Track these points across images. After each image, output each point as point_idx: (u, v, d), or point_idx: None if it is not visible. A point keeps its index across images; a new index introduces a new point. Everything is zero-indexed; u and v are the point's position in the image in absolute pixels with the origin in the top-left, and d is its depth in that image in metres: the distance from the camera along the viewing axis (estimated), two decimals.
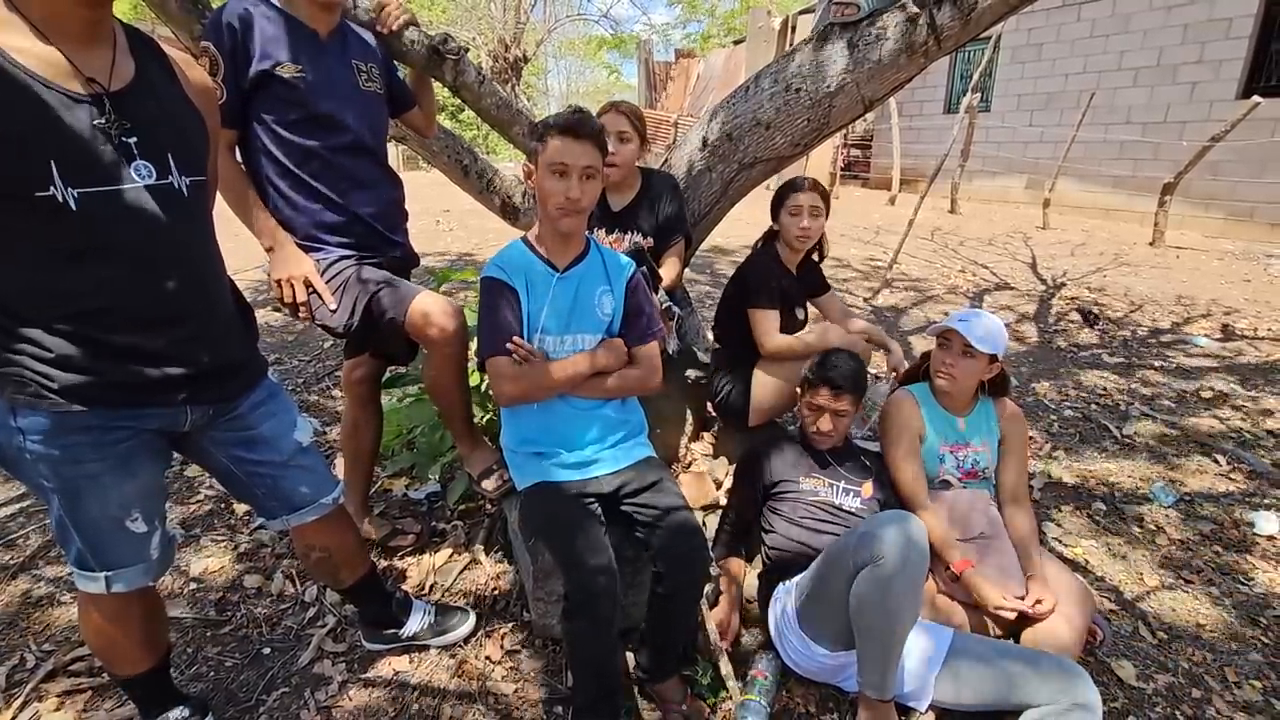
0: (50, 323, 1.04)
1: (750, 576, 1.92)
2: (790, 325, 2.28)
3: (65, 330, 1.04)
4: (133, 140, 1.04)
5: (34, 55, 0.96)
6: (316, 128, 1.66)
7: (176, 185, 1.10)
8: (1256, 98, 6.44)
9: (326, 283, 1.70)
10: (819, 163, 11.03)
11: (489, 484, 1.87)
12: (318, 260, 1.71)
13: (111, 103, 1.02)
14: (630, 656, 1.69)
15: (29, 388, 1.04)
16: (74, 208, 0.98)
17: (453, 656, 1.75)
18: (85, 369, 1.06)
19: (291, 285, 1.67)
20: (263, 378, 1.35)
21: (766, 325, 2.18)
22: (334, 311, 1.70)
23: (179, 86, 1.15)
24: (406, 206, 1.95)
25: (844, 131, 11.91)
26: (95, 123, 1.00)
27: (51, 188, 0.96)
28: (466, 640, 1.79)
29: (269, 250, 1.69)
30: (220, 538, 2.23)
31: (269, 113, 1.63)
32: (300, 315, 1.72)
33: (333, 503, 1.46)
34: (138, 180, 1.04)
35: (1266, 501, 2.49)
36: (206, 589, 1.99)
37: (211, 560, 2.11)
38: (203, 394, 1.20)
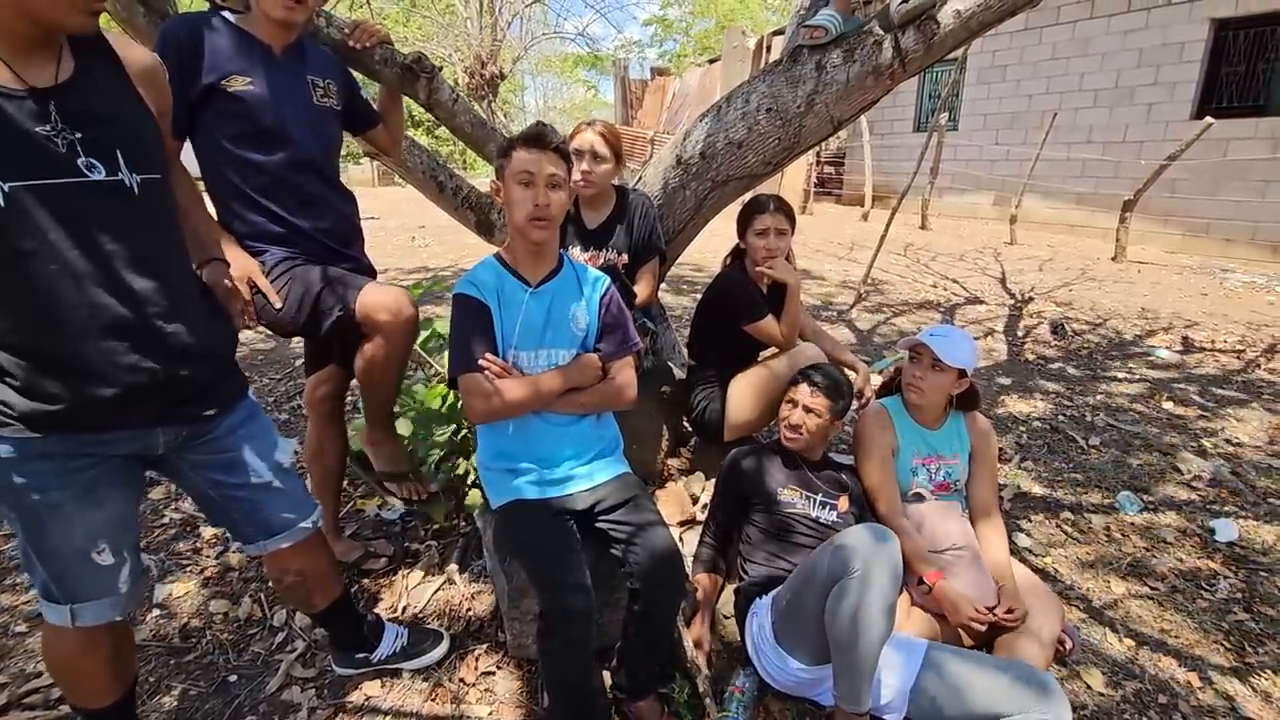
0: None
1: (727, 591, 1.92)
2: (757, 341, 2.31)
3: (12, 344, 1.00)
4: (77, 136, 1.00)
5: None
6: (262, 142, 1.64)
7: (128, 183, 1.05)
8: (1209, 118, 6.70)
9: (271, 281, 1.66)
10: (793, 179, 11.20)
11: (397, 489, 1.91)
12: (261, 261, 1.68)
13: (50, 97, 0.98)
14: (606, 675, 1.68)
15: None
16: (2, 203, 0.94)
17: (426, 680, 1.72)
18: (38, 389, 1.01)
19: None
20: (242, 398, 1.30)
21: (771, 330, 2.22)
22: (280, 309, 1.66)
23: (126, 81, 1.10)
24: (383, 222, 1.95)
25: (817, 149, 12.14)
26: (33, 120, 0.96)
27: None
28: (440, 663, 1.76)
29: None
30: (186, 562, 2.17)
31: (215, 126, 1.61)
32: (246, 317, 1.68)
33: (312, 526, 1.42)
34: (86, 175, 1.00)
35: (1226, 509, 2.56)
36: (171, 615, 1.94)
37: (176, 585, 2.05)
38: (174, 412, 1.15)
